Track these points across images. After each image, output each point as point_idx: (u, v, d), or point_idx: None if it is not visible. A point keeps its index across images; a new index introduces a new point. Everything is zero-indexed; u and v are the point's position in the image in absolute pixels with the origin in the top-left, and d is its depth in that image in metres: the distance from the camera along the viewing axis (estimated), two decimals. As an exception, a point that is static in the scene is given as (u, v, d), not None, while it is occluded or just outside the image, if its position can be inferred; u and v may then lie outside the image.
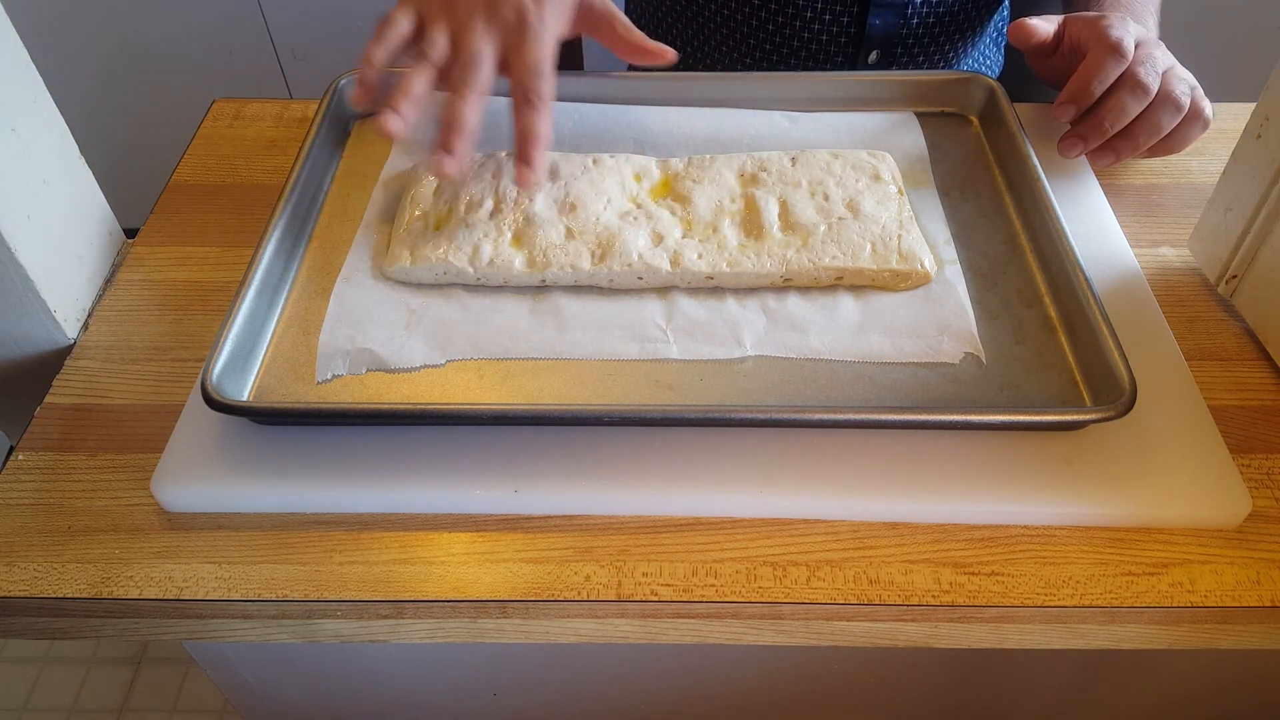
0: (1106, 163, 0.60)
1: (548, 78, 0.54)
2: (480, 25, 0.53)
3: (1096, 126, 0.59)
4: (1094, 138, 0.59)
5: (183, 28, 1.48)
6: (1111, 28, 0.59)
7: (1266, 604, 0.43)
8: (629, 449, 0.47)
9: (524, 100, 0.53)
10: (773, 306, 0.52)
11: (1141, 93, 0.58)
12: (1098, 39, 0.60)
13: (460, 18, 0.54)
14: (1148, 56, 0.59)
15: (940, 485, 0.45)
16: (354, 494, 0.46)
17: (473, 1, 0.54)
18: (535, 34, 0.54)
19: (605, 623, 0.45)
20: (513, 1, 0.54)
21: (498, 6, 0.54)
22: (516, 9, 0.54)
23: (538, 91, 0.53)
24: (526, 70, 0.53)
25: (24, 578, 0.44)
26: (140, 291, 0.57)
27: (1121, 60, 0.58)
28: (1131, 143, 0.59)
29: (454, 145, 0.52)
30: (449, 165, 0.52)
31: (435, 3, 0.55)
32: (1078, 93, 0.59)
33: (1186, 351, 0.51)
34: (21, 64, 0.54)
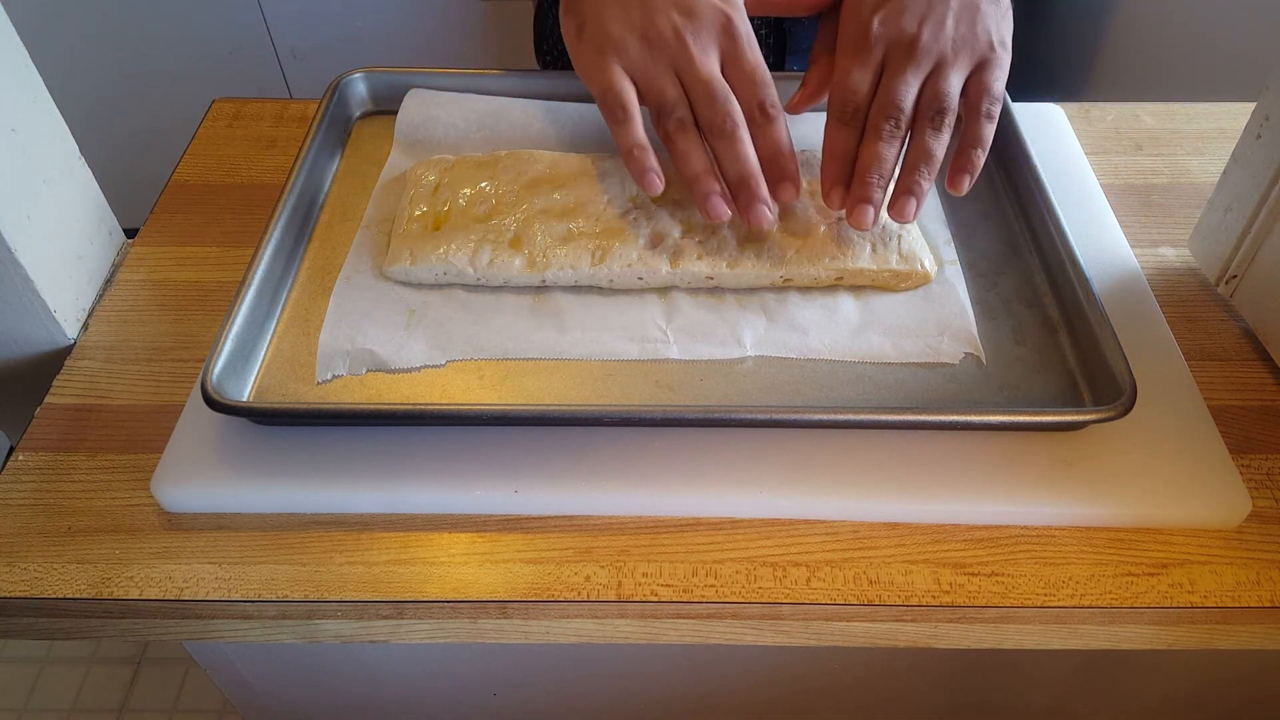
0: (910, 214, 0.51)
1: (772, 83, 0.51)
2: (695, 46, 0.50)
3: (860, 183, 0.50)
4: (869, 200, 0.50)
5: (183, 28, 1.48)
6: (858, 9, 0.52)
7: (1266, 604, 0.43)
8: (629, 449, 0.47)
9: (763, 116, 0.50)
10: (773, 306, 0.52)
11: (891, 128, 0.50)
12: (841, 34, 0.53)
13: (671, 49, 0.50)
14: (901, 44, 0.50)
15: (940, 485, 0.45)
16: (354, 494, 0.46)
17: (670, 21, 0.50)
18: (746, 38, 0.50)
19: (605, 623, 0.45)
20: (705, 4, 0.50)
21: (694, 12, 0.50)
22: (712, 13, 0.50)
23: (773, 101, 0.50)
24: (754, 83, 0.50)
25: (24, 578, 0.44)
26: (140, 291, 0.57)
27: (862, 70, 0.51)
28: (911, 192, 0.50)
29: (764, 193, 0.50)
30: (769, 216, 0.50)
31: (633, 47, 0.50)
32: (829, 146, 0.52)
33: (1186, 351, 0.51)
34: (21, 64, 0.54)
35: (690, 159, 0.50)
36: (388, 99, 0.66)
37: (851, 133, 0.51)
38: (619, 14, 0.51)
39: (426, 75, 0.65)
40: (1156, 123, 0.68)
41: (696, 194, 0.51)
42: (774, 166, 0.51)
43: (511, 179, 0.57)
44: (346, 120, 0.65)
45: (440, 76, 0.65)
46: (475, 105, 0.64)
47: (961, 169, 0.51)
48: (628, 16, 0.50)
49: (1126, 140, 0.67)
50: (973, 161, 0.51)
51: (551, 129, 0.63)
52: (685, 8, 0.50)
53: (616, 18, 0.51)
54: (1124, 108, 0.69)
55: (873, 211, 0.50)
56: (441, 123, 0.63)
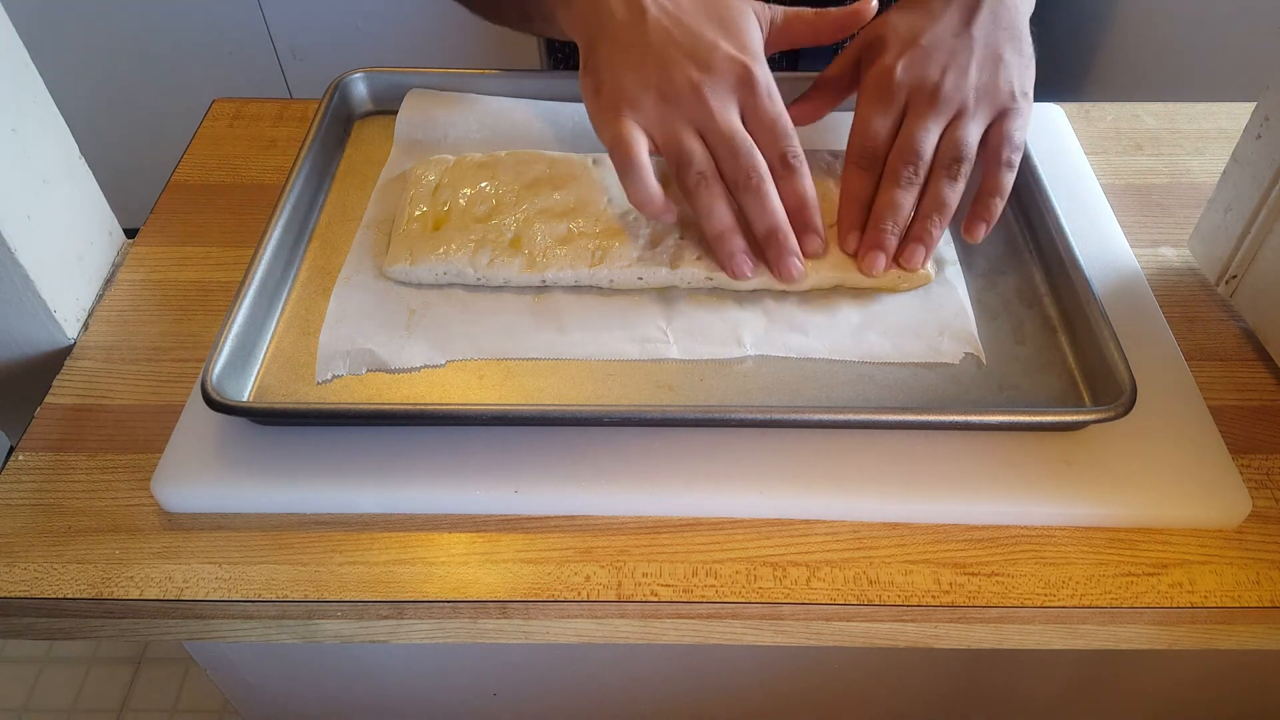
0: (918, 262, 0.51)
1: (794, 133, 0.50)
2: (714, 100, 0.49)
3: (874, 229, 0.51)
4: (882, 245, 0.51)
5: (183, 28, 1.48)
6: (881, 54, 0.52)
7: (1266, 604, 0.43)
8: (629, 449, 0.47)
9: (785, 167, 0.50)
10: (773, 307, 0.52)
11: (910, 174, 0.50)
12: (864, 78, 0.53)
13: (688, 103, 0.49)
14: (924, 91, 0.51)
15: (940, 485, 0.45)
16: (354, 494, 0.46)
17: (686, 76, 0.49)
18: (766, 89, 0.50)
19: (605, 623, 0.45)
20: (722, 57, 0.49)
21: (711, 65, 0.49)
22: (730, 66, 0.49)
23: (795, 153, 0.50)
24: (776, 134, 0.50)
25: (24, 578, 0.44)
26: (140, 291, 0.57)
27: (884, 116, 0.51)
28: (923, 240, 0.51)
29: (793, 245, 0.50)
30: (799, 268, 0.50)
31: (649, 103, 0.50)
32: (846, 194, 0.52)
33: (1186, 351, 0.51)
34: (21, 64, 0.54)
35: (714, 216, 0.50)
36: (388, 99, 0.66)
37: (869, 177, 0.52)
38: (635, 72, 0.50)
39: (426, 75, 0.65)
40: (1156, 123, 0.68)
41: (721, 253, 0.51)
42: (798, 218, 0.51)
43: (511, 179, 0.57)
44: (346, 120, 0.65)
45: (440, 76, 0.65)
46: (475, 105, 0.64)
47: (979, 217, 0.51)
48: (644, 74, 0.50)
49: (1126, 140, 0.67)
50: (990, 210, 0.51)
51: (551, 129, 0.63)
52: (702, 62, 0.49)
53: (632, 76, 0.50)
54: (1124, 108, 0.69)
55: (884, 259, 0.51)
56: (441, 123, 0.63)
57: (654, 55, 0.50)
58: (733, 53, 0.50)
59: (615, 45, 0.51)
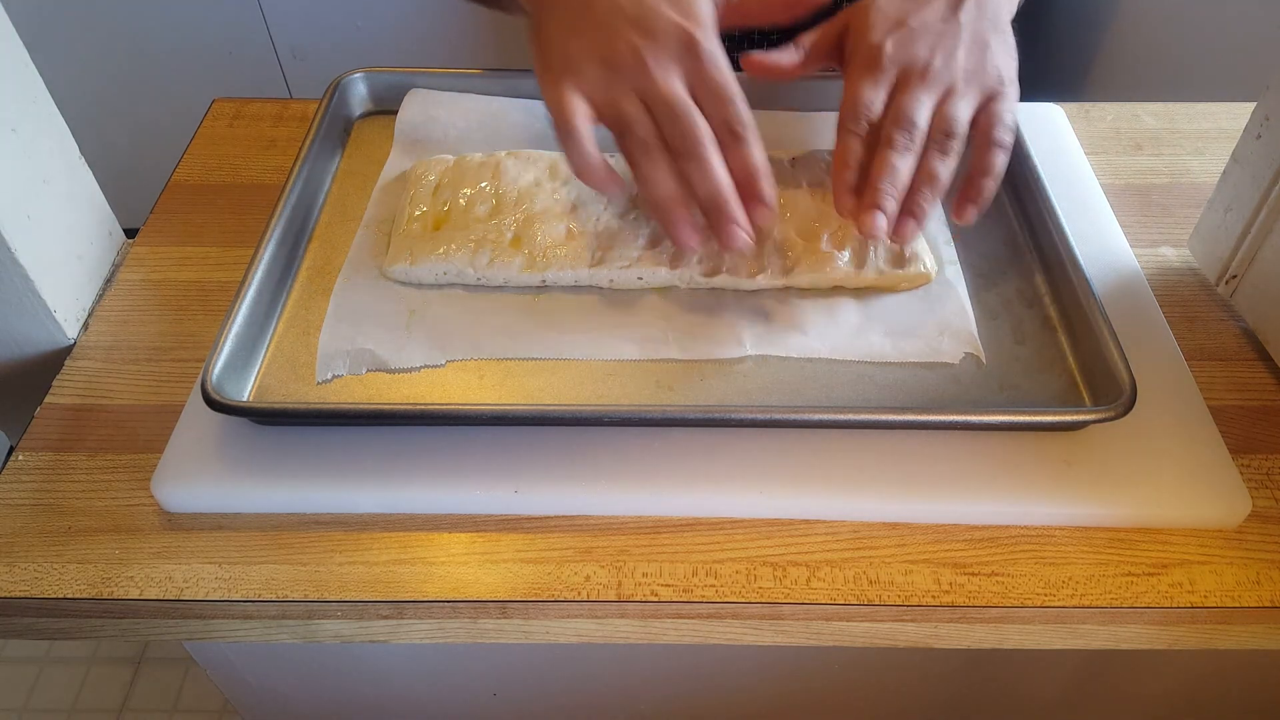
0: (910, 235, 0.50)
1: (741, 98, 0.49)
2: (655, 67, 0.48)
3: (873, 189, 0.49)
4: (882, 206, 0.49)
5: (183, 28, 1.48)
6: (869, 31, 0.52)
7: (1266, 604, 0.43)
8: (629, 449, 0.47)
9: (730, 135, 0.49)
10: (773, 306, 0.52)
11: (905, 139, 0.49)
12: (852, 53, 0.52)
13: (630, 71, 0.49)
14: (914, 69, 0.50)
15: (940, 485, 0.45)
16: (354, 494, 0.46)
17: (629, 42, 0.49)
18: (710, 56, 0.49)
19: (605, 623, 0.45)
20: (666, 24, 0.49)
21: (654, 31, 0.49)
22: (673, 32, 0.49)
23: (740, 119, 0.49)
24: (720, 101, 0.49)
25: (24, 578, 0.44)
26: (140, 291, 0.57)
27: (875, 88, 0.50)
28: (916, 213, 0.50)
29: (737, 214, 0.48)
30: (744, 238, 0.48)
31: (591, 68, 0.49)
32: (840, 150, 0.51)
33: (1186, 351, 0.51)
34: (21, 64, 0.54)
35: (654, 183, 0.49)
36: (388, 99, 0.66)
37: (863, 143, 0.51)
38: (579, 39, 0.50)
39: (426, 75, 0.65)
40: (1156, 123, 0.68)
41: (664, 222, 0.49)
42: (746, 188, 0.49)
43: (512, 179, 0.57)
44: (346, 120, 0.65)
45: (440, 76, 0.65)
46: (475, 105, 0.64)
47: (968, 198, 0.51)
48: (588, 41, 0.50)
49: (1126, 140, 0.67)
50: (981, 191, 0.50)
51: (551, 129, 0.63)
52: (645, 28, 0.49)
53: (577, 43, 0.50)
54: (1124, 108, 0.69)
55: (884, 219, 0.48)
56: (441, 123, 0.63)
57: (599, 22, 0.50)
58: (677, 19, 0.49)
59: (562, 12, 0.51)
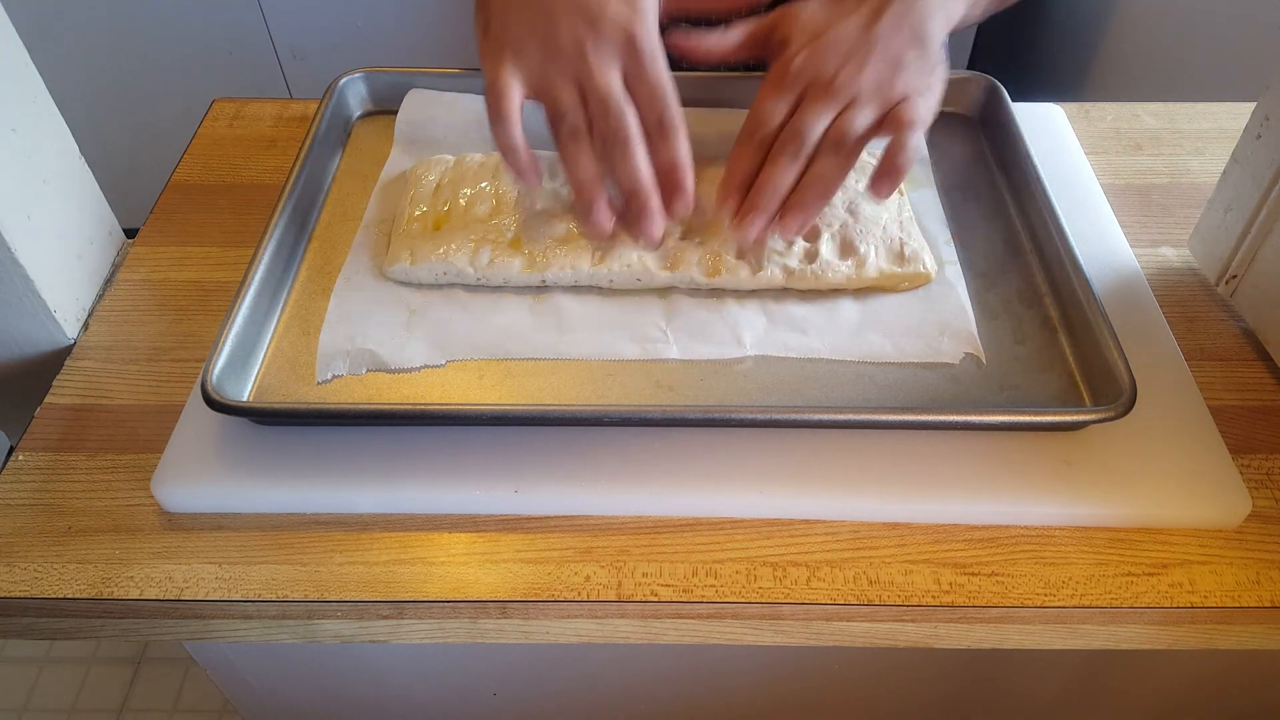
0: (796, 228, 0.51)
1: (675, 97, 0.50)
2: (595, 57, 0.49)
3: (754, 195, 0.51)
4: (760, 210, 0.51)
5: (183, 28, 1.47)
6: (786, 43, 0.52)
7: (1266, 604, 0.43)
8: (629, 449, 0.47)
9: (659, 132, 0.50)
10: (773, 307, 0.52)
11: (791, 154, 0.50)
12: (770, 63, 0.53)
13: (570, 57, 0.49)
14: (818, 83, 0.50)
15: (940, 485, 0.45)
16: (354, 494, 0.46)
17: (572, 29, 0.49)
18: (649, 53, 0.49)
19: (605, 623, 0.45)
20: (611, 15, 0.49)
21: (598, 21, 0.49)
22: (617, 25, 0.49)
23: (671, 118, 0.50)
24: (654, 98, 0.49)
25: (24, 578, 0.44)
26: (140, 291, 0.57)
27: (777, 102, 0.51)
28: (801, 208, 0.50)
29: (653, 205, 0.50)
30: (657, 228, 0.50)
31: (532, 53, 0.50)
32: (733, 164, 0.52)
33: (1186, 351, 0.51)
34: (21, 64, 0.54)
35: (578, 167, 0.50)
36: (388, 99, 0.66)
37: (755, 156, 0.52)
38: (522, 18, 0.50)
39: (426, 75, 0.65)
40: (1156, 123, 0.68)
41: (580, 203, 0.51)
42: (668, 179, 0.50)
43: (512, 179, 0.57)
44: (346, 120, 0.65)
45: (440, 77, 0.65)
46: (475, 105, 0.64)
47: (882, 173, 0.51)
48: (531, 22, 0.50)
49: (1126, 140, 0.67)
50: (896, 166, 0.50)
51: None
52: (589, 17, 0.49)
53: (520, 22, 0.50)
54: (1124, 108, 0.69)
55: (761, 222, 0.50)
56: (441, 123, 0.63)
57: (543, 4, 0.50)
58: (622, 11, 0.49)
59: None
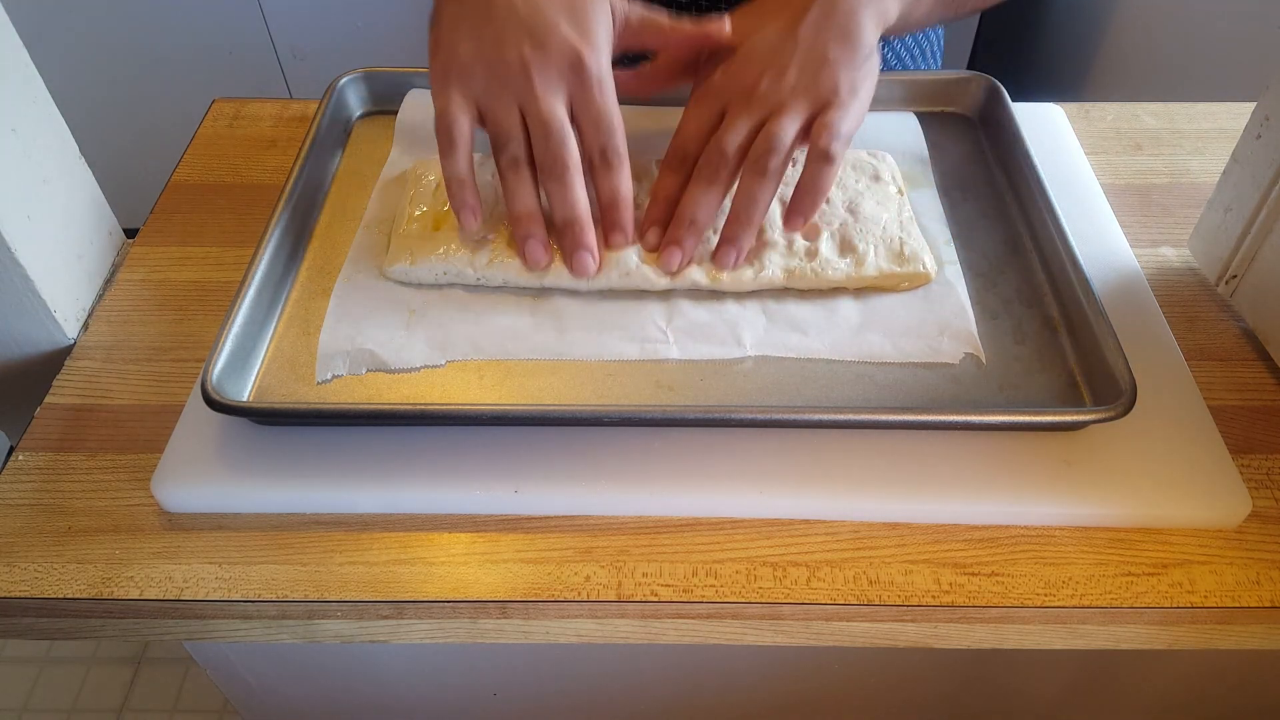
0: (729, 262, 0.52)
1: (620, 128, 0.50)
2: (540, 83, 0.48)
3: (674, 226, 0.51)
4: (676, 244, 0.51)
5: (183, 28, 1.48)
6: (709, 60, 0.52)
7: (1266, 604, 0.43)
8: (629, 449, 0.47)
9: (603, 163, 0.50)
10: (773, 307, 0.52)
11: (710, 174, 0.50)
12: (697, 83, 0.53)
13: (515, 82, 0.49)
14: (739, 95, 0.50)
15: (940, 485, 0.45)
16: (354, 494, 0.46)
17: (519, 53, 0.49)
18: (597, 80, 0.49)
19: (605, 623, 0.45)
20: (559, 40, 0.49)
21: (546, 45, 0.48)
22: (564, 50, 0.49)
23: (615, 150, 0.50)
24: (599, 129, 0.49)
25: (24, 578, 0.44)
26: (140, 291, 0.57)
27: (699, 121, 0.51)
28: (729, 241, 0.51)
29: (588, 240, 0.50)
30: (590, 264, 0.50)
31: (478, 75, 0.49)
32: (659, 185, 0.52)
33: (1186, 351, 0.51)
34: (21, 64, 0.54)
35: (516, 198, 0.50)
36: (388, 99, 0.66)
37: (678, 178, 0.52)
38: (471, 38, 0.50)
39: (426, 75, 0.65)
40: (1156, 123, 0.68)
41: (516, 235, 0.51)
42: (608, 214, 0.51)
43: None
44: (346, 120, 0.65)
45: (440, 76, 0.65)
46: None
47: (795, 210, 0.51)
48: (479, 44, 0.49)
49: (1126, 140, 0.67)
50: (805, 205, 0.50)
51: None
52: (537, 40, 0.49)
53: (468, 42, 0.49)
54: (1124, 108, 0.69)
55: (680, 255, 0.51)
56: (441, 123, 0.63)
57: (493, 25, 0.49)
58: (570, 36, 0.49)
59: (461, 7, 0.51)
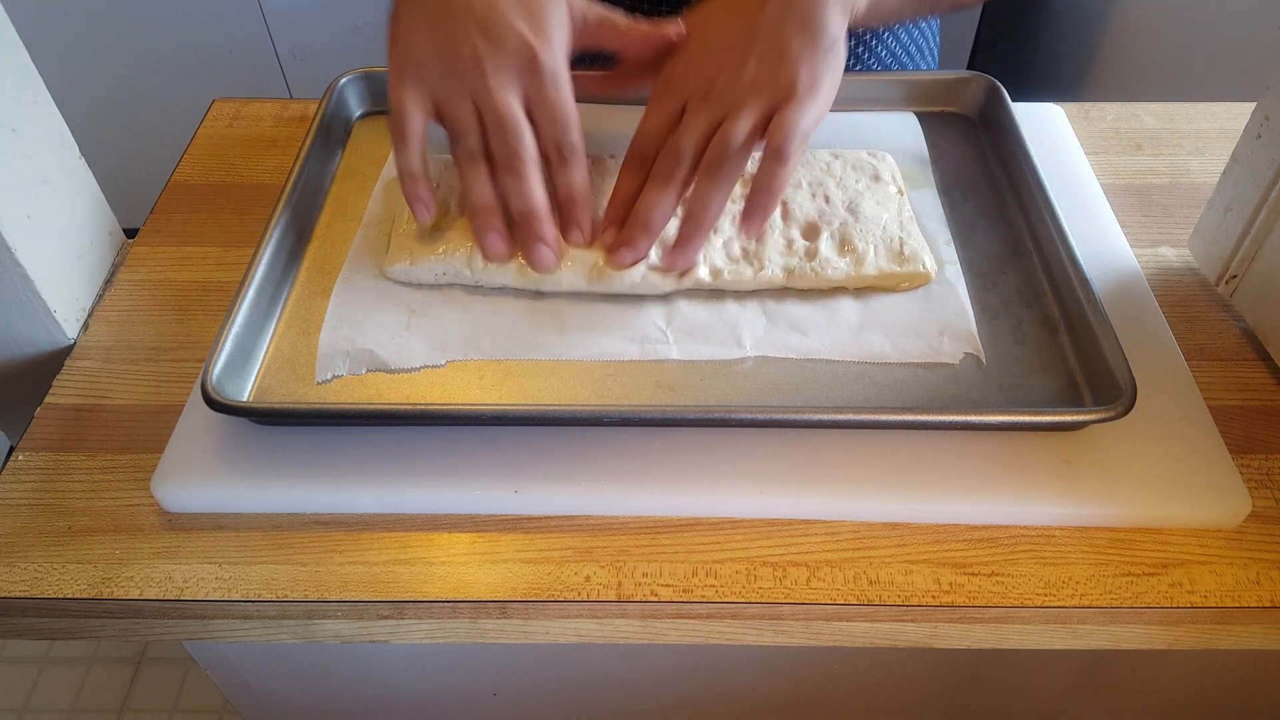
0: (682, 265, 0.51)
1: (576, 123, 0.50)
2: (493, 77, 0.48)
3: (629, 226, 0.51)
4: (630, 244, 0.51)
5: (183, 28, 1.48)
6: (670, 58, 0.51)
7: (1266, 604, 0.43)
8: (629, 449, 0.47)
9: (559, 158, 0.50)
10: (773, 307, 0.52)
11: (666, 174, 0.49)
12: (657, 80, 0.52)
13: (469, 76, 0.49)
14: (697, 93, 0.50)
15: (940, 485, 0.45)
16: (354, 494, 0.46)
17: (472, 48, 0.49)
18: (551, 74, 0.49)
19: (605, 623, 0.45)
20: (513, 35, 0.49)
21: (499, 41, 0.49)
22: (518, 45, 0.49)
23: (571, 144, 0.50)
24: (554, 123, 0.49)
25: (24, 578, 0.44)
26: (140, 291, 0.57)
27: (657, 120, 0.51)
28: (682, 243, 0.51)
29: (545, 233, 0.50)
30: (549, 257, 0.50)
31: (433, 70, 0.50)
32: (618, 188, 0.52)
33: (1186, 351, 0.51)
34: (21, 64, 0.54)
35: (474, 191, 0.50)
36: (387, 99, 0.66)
37: (637, 178, 0.52)
38: (426, 34, 0.50)
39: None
40: (1156, 123, 0.68)
41: (474, 227, 0.51)
42: (565, 210, 0.51)
43: None
44: (346, 120, 0.65)
45: (440, 76, 0.65)
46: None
47: (750, 211, 0.50)
48: (434, 37, 0.49)
49: (1126, 140, 0.67)
50: (760, 206, 0.50)
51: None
52: (491, 35, 0.49)
53: (423, 37, 0.50)
54: (1124, 108, 0.69)
55: (630, 255, 0.51)
56: (441, 123, 0.63)
57: (448, 21, 0.49)
58: (524, 33, 0.49)
59: (417, 4, 0.51)
